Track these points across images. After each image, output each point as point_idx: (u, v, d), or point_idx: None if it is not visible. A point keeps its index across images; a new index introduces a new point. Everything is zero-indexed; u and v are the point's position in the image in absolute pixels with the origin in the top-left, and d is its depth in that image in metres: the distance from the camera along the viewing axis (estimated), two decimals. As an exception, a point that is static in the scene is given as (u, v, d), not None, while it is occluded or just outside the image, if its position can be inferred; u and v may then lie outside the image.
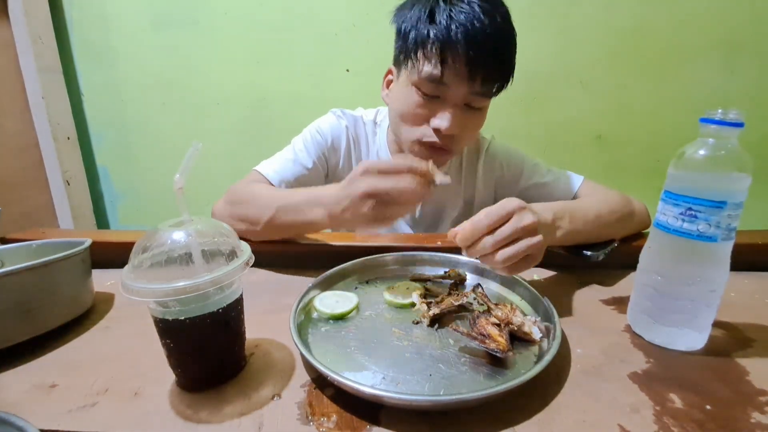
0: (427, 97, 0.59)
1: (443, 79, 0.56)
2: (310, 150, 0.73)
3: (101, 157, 1.44)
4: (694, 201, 0.35)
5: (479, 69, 0.55)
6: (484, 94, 0.59)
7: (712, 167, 0.35)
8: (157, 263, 0.31)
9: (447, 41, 0.54)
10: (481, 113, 0.63)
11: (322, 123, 0.76)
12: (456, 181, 0.78)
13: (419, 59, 0.57)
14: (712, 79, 1.21)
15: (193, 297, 0.30)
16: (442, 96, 0.59)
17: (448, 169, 0.77)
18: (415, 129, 0.62)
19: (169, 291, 0.29)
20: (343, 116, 0.77)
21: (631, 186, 1.37)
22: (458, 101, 0.59)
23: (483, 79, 0.56)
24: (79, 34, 1.31)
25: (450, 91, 0.58)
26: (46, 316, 0.42)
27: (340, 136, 0.76)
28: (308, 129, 0.77)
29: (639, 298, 0.42)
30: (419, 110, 0.60)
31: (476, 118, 0.63)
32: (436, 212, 0.79)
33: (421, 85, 0.59)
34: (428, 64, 0.56)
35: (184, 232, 0.32)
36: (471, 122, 0.62)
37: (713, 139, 0.35)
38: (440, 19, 0.54)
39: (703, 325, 0.39)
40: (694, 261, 0.37)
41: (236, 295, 0.34)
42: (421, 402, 0.31)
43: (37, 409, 0.32)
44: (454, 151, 0.64)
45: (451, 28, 0.53)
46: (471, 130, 0.64)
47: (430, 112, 0.60)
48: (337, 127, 0.76)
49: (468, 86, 0.57)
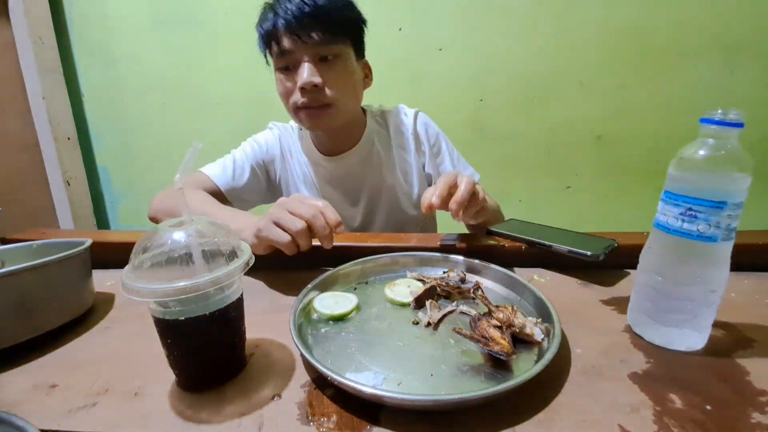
0: (285, 70, 0.68)
1: (283, 48, 0.65)
2: (248, 158, 0.81)
3: (101, 157, 1.44)
4: (694, 201, 0.35)
5: (300, 21, 0.63)
6: (325, 41, 0.65)
7: (712, 167, 0.35)
8: (157, 263, 0.31)
9: (272, 26, 0.65)
10: (341, 62, 0.68)
11: (258, 137, 0.85)
12: (387, 151, 0.83)
13: (270, 50, 0.69)
14: (712, 80, 1.21)
15: (193, 297, 0.30)
16: (292, 64, 0.67)
17: (371, 145, 0.81)
18: (291, 101, 0.69)
19: (170, 291, 0.29)
20: (274, 127, 0.86)
21: (630, 186, 1.38)
22: (307, 58, 0.66)
23: (312, 32, 0.64)
24: (80, 34, 1.31)
25: (295, 55, 0.66)
26: (47, 317, 0.42)
27: (274, 146, 0.84)
28: (247, 141, 0.85)
29: (639, 299, 0.42)
30: (287, 84, 0.69)
31: (337, 67, 0.68)
32: (373, 189, 0.83)
33: (278, 66, 0.69)
34: (274, 47, 0.67)
35: (185, 233, 0.32)
36: (333, 70, 0.67)
37: (713, 139, 0.35)
38: (264, 16, 0.68)
39: (704, 325, 0.39)
40: (694, 261, 0.37)
41: (236, 296, 0.35)
42: (421, 402, 0.31)
43: (37, 409, 0.32)
44: (333, 104, 0.69)
45: (274, 9, 0.65)
46: (338, 79, 0.68)
47: (294, 81, 0.67)
48: (271, 138, 0.85)
49: (300, 42, 0.64)
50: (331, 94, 0.68)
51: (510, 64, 1.23)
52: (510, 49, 1.22)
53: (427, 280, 0.50)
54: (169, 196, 0.72)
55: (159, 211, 0.71)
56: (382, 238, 0.64)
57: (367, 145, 0.81)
